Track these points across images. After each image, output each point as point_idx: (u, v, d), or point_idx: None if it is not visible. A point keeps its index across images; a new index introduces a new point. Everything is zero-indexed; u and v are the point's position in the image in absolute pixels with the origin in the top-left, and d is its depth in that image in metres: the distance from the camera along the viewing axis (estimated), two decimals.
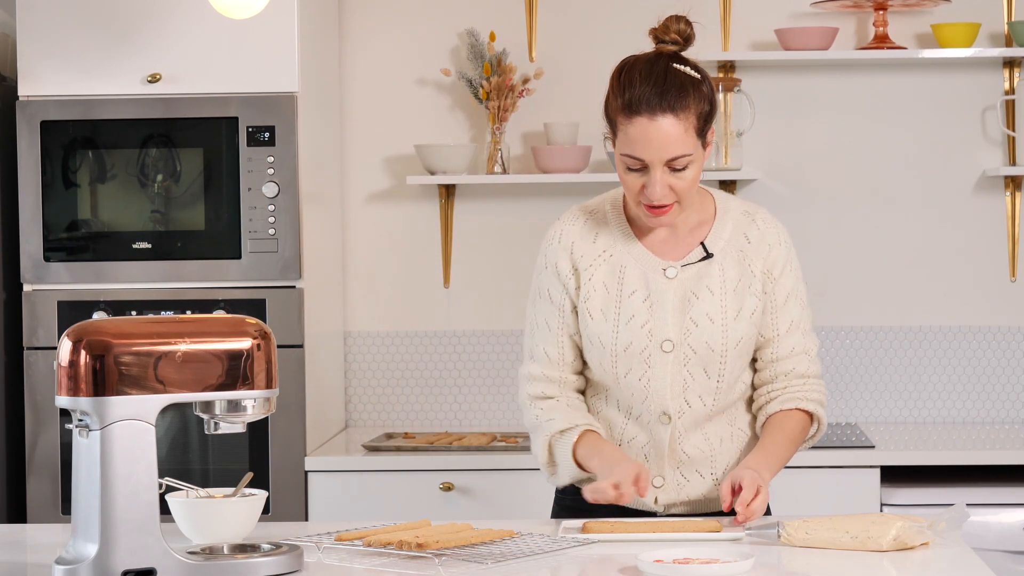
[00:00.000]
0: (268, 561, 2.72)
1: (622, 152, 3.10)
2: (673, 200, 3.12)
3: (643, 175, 3.09)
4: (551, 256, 3.25)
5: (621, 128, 3.10)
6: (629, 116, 3.08)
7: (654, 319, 3.18)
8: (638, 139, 3.07)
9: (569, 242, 3.24)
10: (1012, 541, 4.41)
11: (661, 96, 3.07)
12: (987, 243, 5.12)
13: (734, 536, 2.94)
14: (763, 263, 3.23)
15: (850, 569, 2.78)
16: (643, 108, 3.07)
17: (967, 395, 5.13)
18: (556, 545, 2.88)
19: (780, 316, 3.24)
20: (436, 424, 5.20)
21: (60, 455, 4.59)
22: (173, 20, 4.59)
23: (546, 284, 3.26)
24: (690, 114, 3.08)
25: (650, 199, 3.10)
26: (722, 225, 3.24)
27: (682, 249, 3.23)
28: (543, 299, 3.26)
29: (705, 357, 3.19)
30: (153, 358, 2.69)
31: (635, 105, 3.08)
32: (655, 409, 3.19)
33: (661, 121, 3.07)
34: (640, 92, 3.08)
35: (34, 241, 4.63)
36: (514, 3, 5.18)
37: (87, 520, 2.67)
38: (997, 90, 5.10)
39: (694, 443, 3.22)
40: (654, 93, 3.08)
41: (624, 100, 3.09)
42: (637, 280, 3.19)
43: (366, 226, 5.22)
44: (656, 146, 3.06)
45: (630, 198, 3.15)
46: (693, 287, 3.19)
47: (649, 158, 3.07)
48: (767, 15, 5.14)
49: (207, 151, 4.62)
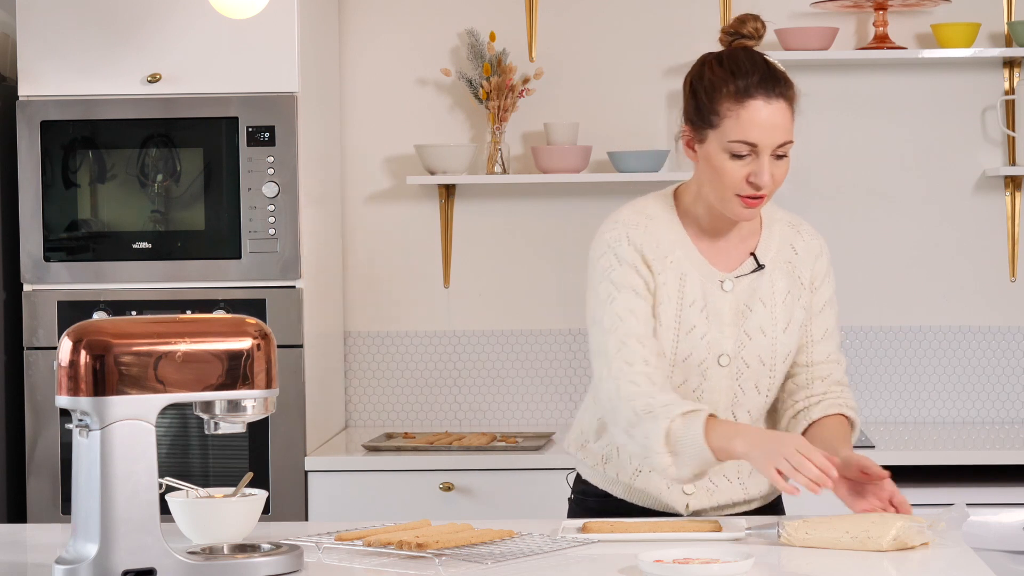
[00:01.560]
0: (268, 561, 2.72)
1: (731, 139, 3.05)
2: (769, 192, 3.09)
3: (748, 163, 3.06)
4: (625, 255, 3.14)
5: (731, 114, 3.05)
6: (742, 100, 3.05)
7: (711, 331, 3.14)
8: (753, 122, 3.04)
9: (639, 243, 3.15)
10: (1012, 541, 4.41)
11: (775, 81, 3.07)
12: (987, 243, 5.12)
13: (734, 536, 2.94)
14: (810, 274, 3.22)
15: (850, 569, 2.78)
16: (758, 92, 3.05)
17: (967, 395, 5.13)
18: (556, 545, 2.88)
19: (816, 322, 3.23)
20: (436, 424, 5.20)
21: (60, 455, 4.59)
22: (173, 20, 4.59)
23: (626, 279, 3.12)
24: (792, 104, 3.11)
25: (758, 185, 3.05)
26: (769, 236, 3.22)
27: (734, 259, 3.19)
28: (625, 291, 3.12)
29: (757, 371, 3.18)
30: (153, 358, 2.68)
31: (750, 89, 3.05)
32: None
33: (775, 105, 3.06)
34: (753, 78, 3.06)
35: (34, 241, 4.63)
36: (514, 3, 5.18)
37: (87, 520, 2.67)
38: (997, 90, 5.10)
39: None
40: (767, 78, 3.07)
41: (737, 85, 3.05)
42: (696, 290, 3.15)
43: (366, 226, 5.22)
44: (770, 129, 3.05)
45: (727, 188, 3.08)
46: (747, 300, 3.16)
47: (763, 141, 3.04)
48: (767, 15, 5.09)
49: (207, 151, 4.62)
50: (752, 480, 3.24)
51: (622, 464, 3.24)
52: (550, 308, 5.18)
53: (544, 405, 5.18)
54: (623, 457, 3.24)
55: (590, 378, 3.37)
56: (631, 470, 3.23)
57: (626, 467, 3.24)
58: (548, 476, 4.52)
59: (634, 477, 3.23)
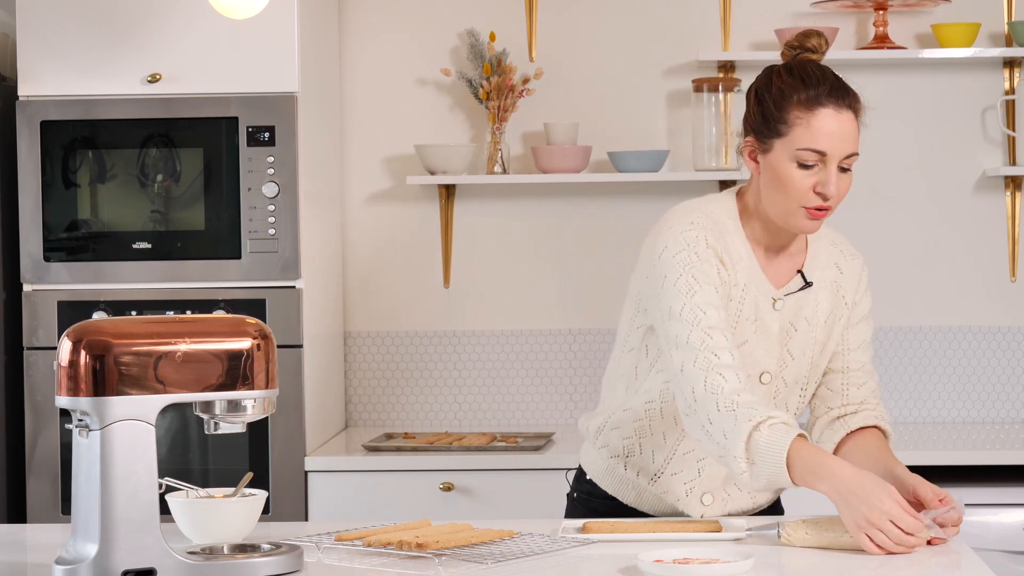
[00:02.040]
0: (268, 561, 2.72)
1: (800, 147, 3.02)
2: (835, 205, 3.06)
3: (815, 173, 3.03)
4: (704, 253, 3.05)
5: (801, 122, 3.02)
6: (812, 108, 3.02)
7: (759, 348, 3.12)
8: (823, 130, 3.02)
9: (717, 248, 3.09)
10: (1012, 541, 4.41)
11: (844, 92, 3.06)
12: (987, 243, 5.12)
13: (734, 536, 2.94)
14: (853, 293, 3.21)
15: (850, 569, 2.78)
16: (829, 101, 3.03)
17: (967, 395, 5.13)
18: (556, 545, 2.88)
19: (853, 332, 3.21)
20: (436, 424, 5.20)
21: (60, 455, 4.59)
22: (173, 20, 4.59)
23: (707, 276, 3.04)
24: (859, 117, 3.08)
25: (825, 195, 3.02)
26: (816, 254, 3.20)
27: (783, 276, 3.16)
28: (707, 286, 3.03)
29: (791, 390, 3.17)
30: (153, 358, 2.68)
31: (821, 98, 3.03)
32: None
33: (845, 115, 3.04)
34: (824, 87, 3.05)
35: (34, 241, 4.63)
36: (514, 3, 5.18)
37: (87, 520, 2.67)
38: (997, 90, 5.10)
39: None
40: (837, 88, 3.06)
41: (808, 94, 3.03)
42: (751, 305, 3.11)
43: (366, 226, 5.22)
44: (840, 138, 3.02)
45: (792, 200, 3.04)
46: (792, 318, 3.14)
47: (832, 150, 3.02)
48: (767, 15, 5.14)
49: (207, 151, 4.62)
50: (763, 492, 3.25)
51: (645, 462, 3.20)
52: (550, 308, 5.18)
53: (544, 405, 5.18)
54: (645, 454, 3.20)
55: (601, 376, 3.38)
56: (654, 469, 3.20)
57: (649, 466, 3.20)
58: (548, 476, 4.52)
59: (656, 478, 3.20)
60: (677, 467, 3.18)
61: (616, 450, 3.24)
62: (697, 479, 3.18)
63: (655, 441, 3.19)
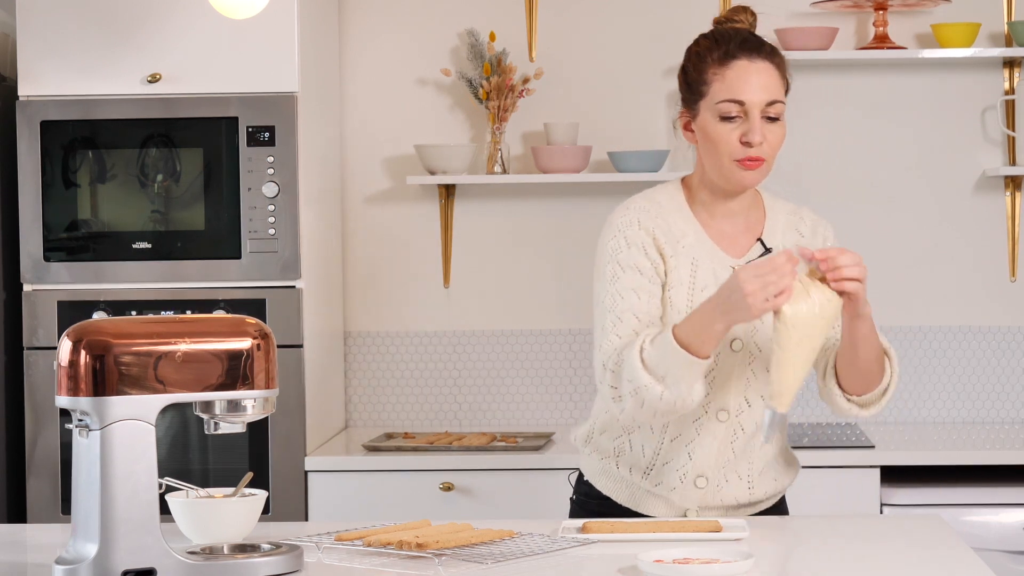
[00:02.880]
0: (268, 561, 2.72)
1: (719, 100, 3.12)
2: (766, 155, 3.13)
3: (739, 125, 3.12)
4: (635, 237, 3.17)
5: (716, 78, 3.13)
6: (726, 62, 3.14)
7: None
8: (738, 80, 3.12)
9: (650, 227, 3.18)
10: (1012, 541, 4.41)
11: (759, 46, 3.16)
12: (987, 243, 5.12)
13: (734, 536, 2.94)
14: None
15: (850, 569, 2.78)
16: (741, 53, 3.15)
17: (967, 395, 5.13)
18: (556, 545, 2.88)
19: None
20: (436, 424, 5.20)
21: (60, 455, 4.59)
22: (173, 20, 4.59)
23: (632, 260, 3.15)
24: (781, 68, 3.17)
25: (750, 143, 3.10)
26: (774, 222, 3.26)
27: (742, 246, 3.22)
28: (629, 271, 3.15)
29: (768, 355, 3.18)
30: (153, 358, 2.69)
31: (734, 51, 3.15)
32: (714, 406, 3.18)
33: (760, 64, 3.14)
34: (736, 42, 3.16)
35: (34, 241, 4.63)
36: (514, 3, 5.18)
37: (87, 520, 2.67)
38: (997, 90, 5.10)
39: (744, 443, 3.21)
40: (750, 42, 3.16)
41: (721, 52, 3.15)
42: (708, 275, 3.17)
43: (366, 226, 5.22)
44: (756, 86, 3.12)
45: (723, 155, 3.13)
46: None
47: (749, 98, 3.11)
48: (767, 15, 5.13)
49: (207, 151, 4.62)
50: (760, 480, 3.24)
51: (636, 457, 3.23)
52: (550, 308, 5.18)
53: (544, 405, 5.18)
54: (636, 450, 3.23)
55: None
56: (645, 463, 3.22)
57: (640, 460, 3.23)
58: (548, 476, 4.52)
59: (649, 471, 3.22)
60: (667, 456, 3.21)
61: (607, 451, 3.27)
62: (689, 463, 3.20)
63: (643, 435, 3.22)
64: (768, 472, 3.25)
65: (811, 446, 4.60)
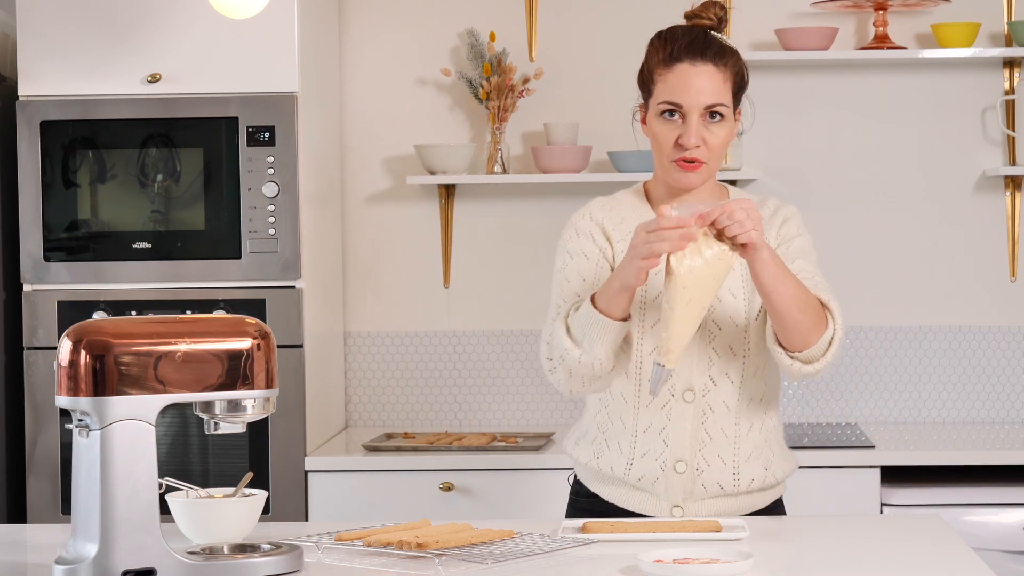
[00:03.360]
0: (268, 561, 2.72)
1: (659, 101, 3.19)
2: (704, 157, 3.18)
3: (679, 126, 3.18)
4: (583, 227, 3.28)
5: (660, 80, 3.20)
6: (670, 65, 3.20)
7: None
8: (678, 84, 3.18)
9: (600, 218, 3.29)
10: (1012, 541, 4.41)
11: (703, 48, 3.20)
12: (987, 243, 5.12)
13: (734, 536, 2.94)
14: (776, 234, 3.27)
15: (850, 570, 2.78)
16: (685, 56, 3.19)
17: (967, 395, 5.13)
18: (556, 545, 2.88)
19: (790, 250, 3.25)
20: (436, 424, 5.20)
21: (60, 455, 4.59)
22: (173, 20, 4.59)
23: (580, 246, 3.27)
24: (728, 70, 3.21)
25: (685, 145, 3.16)
26: None
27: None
28: (576, 257, 3.26)
29: (730, 333, 3.21)
30: (153, 358, 2.68)
31: (677, 54, 3.19)
32: (679, 386, 3.20)
33: (701, 68, 3.19)
34: (682, 44, 3.20)
35: (34, 241, 4.63)
36: (514, 3, 5.18)
37: (87, 520, 2.67)
38: (997, 90, 5.10)
39: (718, 424, 3.22)
40: (695, 44, 3.20)
41: (666, 53, 3.21)
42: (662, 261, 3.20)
43: (366, 226, 5.22)
44: (695, 91, 3.17)
45: (663, 153, 3.20)
46: None
47: (687, 102, 3.17)
48: (767, 15, 5.14)
49: (207, 151, 4.62)
50: (746, 466, 3.24)
51: (614, 457, 3.27)
52: None
53: (544, 405, 5.18)
54: (613, 448, 3.26)
55: None
56: (624, 460, 3.25)
57: (619, 457, 3.26)
58: (548, 476, 4.52)
59: (630, 467, 3.24)
60: (644, 447, 3.24)
61: (589, 453, 3.31)
62: (666, 450, 3.22)
63: (616, 430, 3.26)
64: (756, 459, 3.24)
65: (811, 446, 4.60)
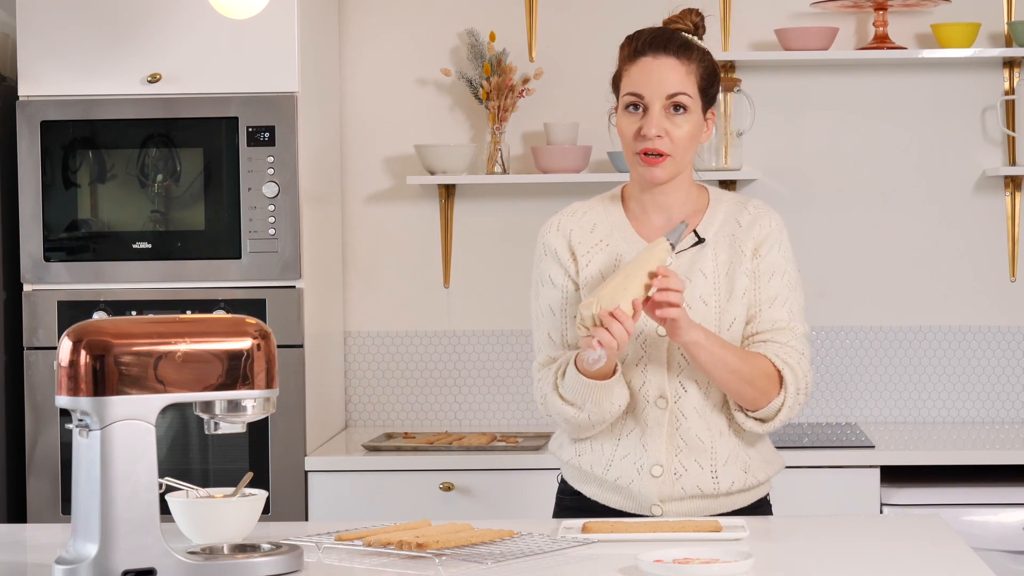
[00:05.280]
0: (268, 561, 2.72)
1: (623, 94, 3.24)
2: (668, 149, 3.19)
3: (640, 118, 3.21)
4: (549, 242, 3.31)
5: (626, 74, 3.25)
6: (634, 59, 3.25)
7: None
8: (639, 76, 3.22)
9: (567, 229, 3.31)
10: (1012, 541, 4.41)
11: (666, 43, 3.25)
12: (987, 243, 5.12)
13: (734, 536, 2.94)
14: (753, 242, 3.27)
15: (850, 569, 2.78)
16: (648, 50, 3.24)
17: (967, 395, 5.13)
18: (556, 545, 2.88)
19: (764, 288, 3.25)
20: (436, 424, 5.20)
21: (60, 455, 4.59)
22: (173, 20, 4.59)
23: (546, 270, 3.31)
24: (693, 64, 3.24)
25: (646, 135, 3.18)
26: (714, 213, 3.30)
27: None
28: (545, 286, 3.31)
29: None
30: (153, 358, 2.69)
31: (641, 48, 3.25)
32: (652, 393, 3.22)
33: (664, 60, 3.23)
34: (646, 40, 3.25)
35: (34, 241, 4.63)
36: (514, 3, 5.18)
37: (87, 520, 2.67)
38: (997, 90, 5.10)
39: (692, 430, 3.23)
40: (658, 39, 3.26)
41: (631, 49, 3.26)
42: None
43: (366, 226, 5.22)
44: (656, 82, 3.21)
45: (628, 146, 3.23)
46: (687, 272, 3.23)
47: (648, 92, 3.21)
48: (767, 15, 5.14)
49: (207, 151, 4.62)
50: (725, 469, 3.25)
51: (595, 457, 3.29)
52: None
53: None
54: (595, 450, 3.29)
55: None
56: (605, 460, 3.28)
57: (599, 459, 3.29)
58: (548, 476, 4.50)
59: (609, 466, 3.27)
60: (625, 450, 3.26)
61: (571, 453, 3.34)
62: (644, 454, 3.24)
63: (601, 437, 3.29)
64: (734, 463, 3.25)
65: (811, 446, 4.60)
